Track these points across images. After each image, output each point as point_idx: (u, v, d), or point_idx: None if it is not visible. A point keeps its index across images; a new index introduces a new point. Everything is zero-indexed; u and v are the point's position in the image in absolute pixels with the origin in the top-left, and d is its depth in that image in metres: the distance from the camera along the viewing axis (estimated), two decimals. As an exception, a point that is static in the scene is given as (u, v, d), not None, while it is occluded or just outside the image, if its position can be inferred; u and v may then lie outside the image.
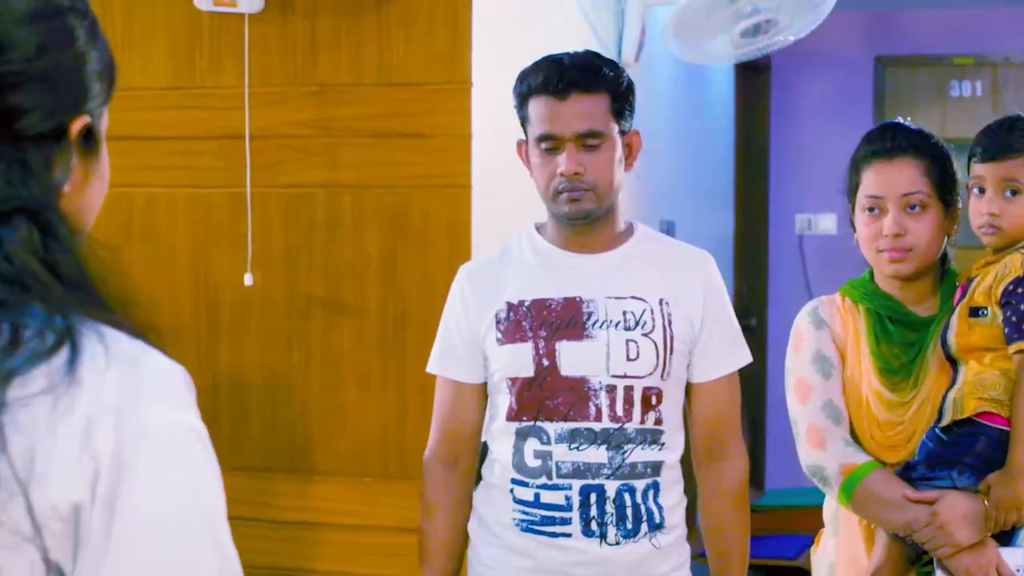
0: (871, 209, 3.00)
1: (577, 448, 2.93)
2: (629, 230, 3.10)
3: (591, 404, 2.93)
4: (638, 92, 3.04)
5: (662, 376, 2.97)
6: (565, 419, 2.94)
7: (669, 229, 6.09)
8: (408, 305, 3.92)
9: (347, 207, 3.97)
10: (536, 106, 2.97)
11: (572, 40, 4.21)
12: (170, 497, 1.23)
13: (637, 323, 2.97)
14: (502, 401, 3.02)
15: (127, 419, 1.21)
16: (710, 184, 7.49)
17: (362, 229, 3.96)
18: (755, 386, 7.86)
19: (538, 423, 2.96)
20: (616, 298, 2.98)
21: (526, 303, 3.00)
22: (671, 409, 3.00)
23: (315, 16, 3.97)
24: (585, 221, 2.99)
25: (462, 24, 3.86)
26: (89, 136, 1.37)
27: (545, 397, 2.96)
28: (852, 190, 3.06)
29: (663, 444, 2.98)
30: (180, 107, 4.08)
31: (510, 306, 3.01)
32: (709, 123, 7.47)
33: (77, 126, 1.35)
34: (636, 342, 2.95)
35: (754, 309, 8.28)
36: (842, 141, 10.07)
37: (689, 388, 3.06)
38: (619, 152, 2.98)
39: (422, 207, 3.90)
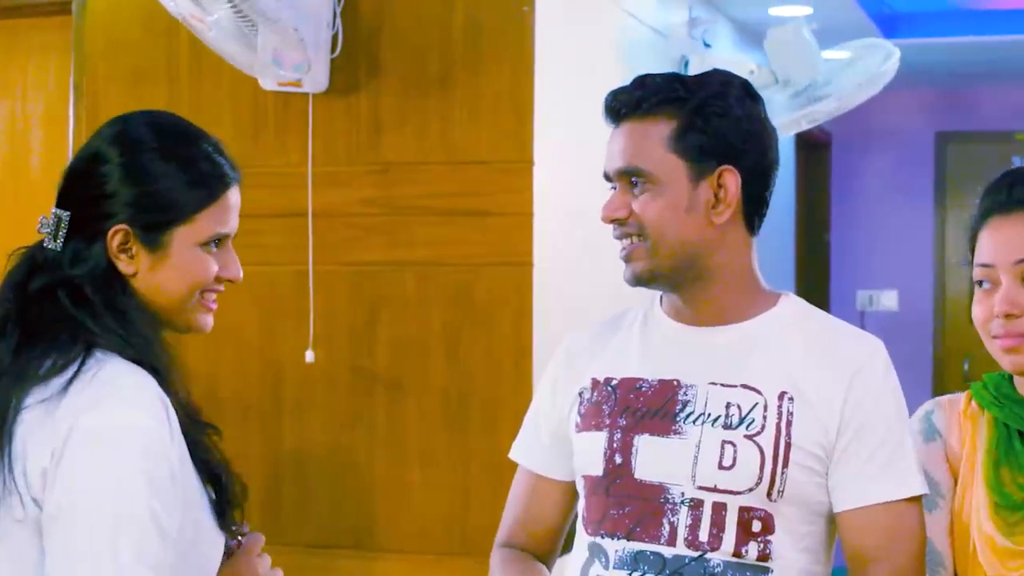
0: (981, 282, 2.22)
1: None
2: (769, 301, 2.33)
3: (664, 521, 2.20)
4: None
5: (770, 495, 2.19)
6: (628, 537, 2.22)
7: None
8: (471, 382, 3.92)
9: (411, 285, 3.98)
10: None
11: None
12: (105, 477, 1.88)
13: (742, 420, 2.21)
14: (580, 506, 2.36)
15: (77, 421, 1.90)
16: (771, 260, 7.44)
17: (425, 306, 3.97)
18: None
19: (599, 539, 2.27)
20: (722, 385, 2.24)
21: (614, 382, 2.32)
22: (791, 543, 2.21)
23: (379, 95, 4.01)
24: (650, 286, 2.31)
25: (525, 103, 3.88)
26: (148, 238, 2.07)
27: (611, 505, 2.25)
28: (972, 258, 2.29)
29: None
30: (245, 185, 4.08)
31: (595, 384, 2.34)
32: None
33: (111, 233, 2.04)
34: (735, 445, 2.19)
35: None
36: (903, 217, 10.01)
37: (836, 520, 2.26)
38: (683, 197, 2.24)
39: (485, 285, 3.91)
